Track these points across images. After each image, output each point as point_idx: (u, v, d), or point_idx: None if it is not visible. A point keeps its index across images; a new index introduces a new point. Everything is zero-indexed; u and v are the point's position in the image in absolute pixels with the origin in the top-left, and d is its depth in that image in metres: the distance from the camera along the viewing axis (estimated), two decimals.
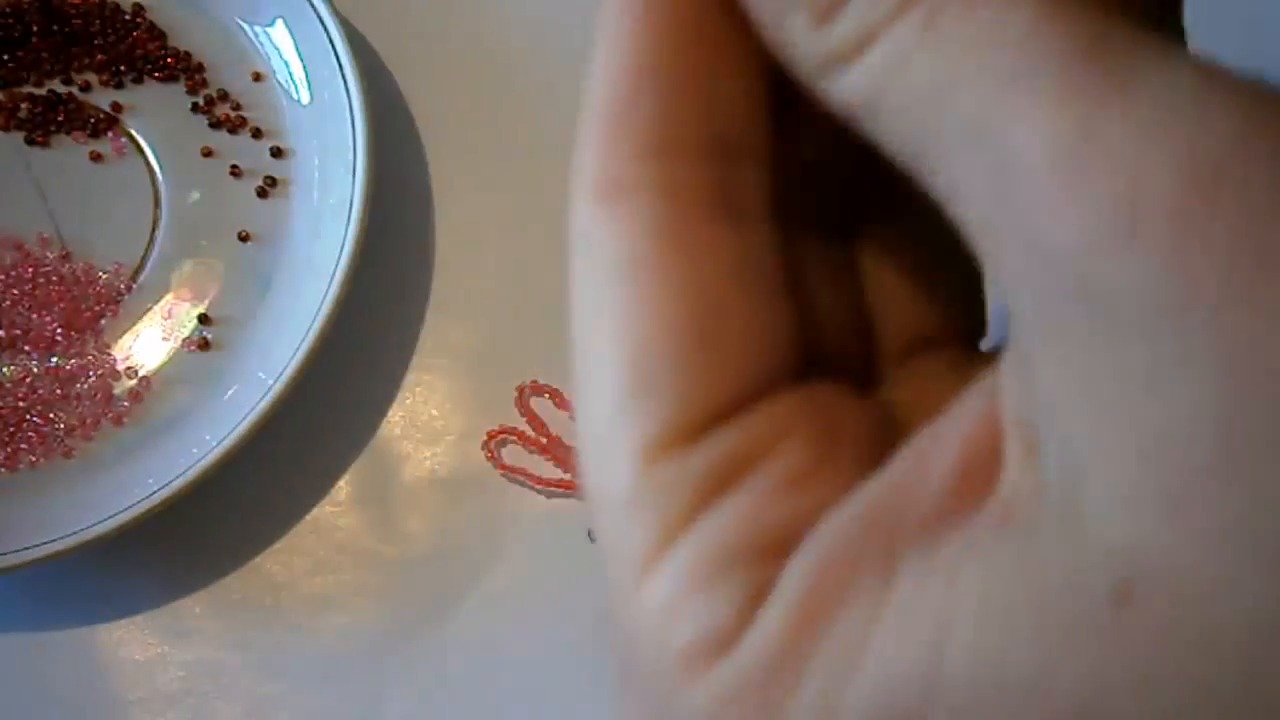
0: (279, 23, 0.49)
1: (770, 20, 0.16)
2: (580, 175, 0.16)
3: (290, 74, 0.49)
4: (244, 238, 0.48)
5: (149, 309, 0.48)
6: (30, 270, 0.48)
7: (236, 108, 0.49)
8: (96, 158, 0.49)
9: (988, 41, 0.14)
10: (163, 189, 0.49)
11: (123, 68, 0.50)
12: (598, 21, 0.17)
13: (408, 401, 0.47)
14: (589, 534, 0.45)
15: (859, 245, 0.18)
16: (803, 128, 0.17)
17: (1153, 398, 0.13)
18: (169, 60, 0.50)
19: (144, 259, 0.48)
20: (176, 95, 0.50)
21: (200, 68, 0.50)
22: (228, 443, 0.43)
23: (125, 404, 0.46)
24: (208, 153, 0.49)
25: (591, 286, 0.16)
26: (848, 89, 0.15)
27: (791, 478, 0.15)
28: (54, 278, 0.48)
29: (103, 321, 0.48)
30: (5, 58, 0.50)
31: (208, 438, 0.44)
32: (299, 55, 0.49)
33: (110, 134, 0.50)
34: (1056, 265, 0.13)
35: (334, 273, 0.45)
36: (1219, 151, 0.13)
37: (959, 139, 0.14)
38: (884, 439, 0.16)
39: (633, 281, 0.16)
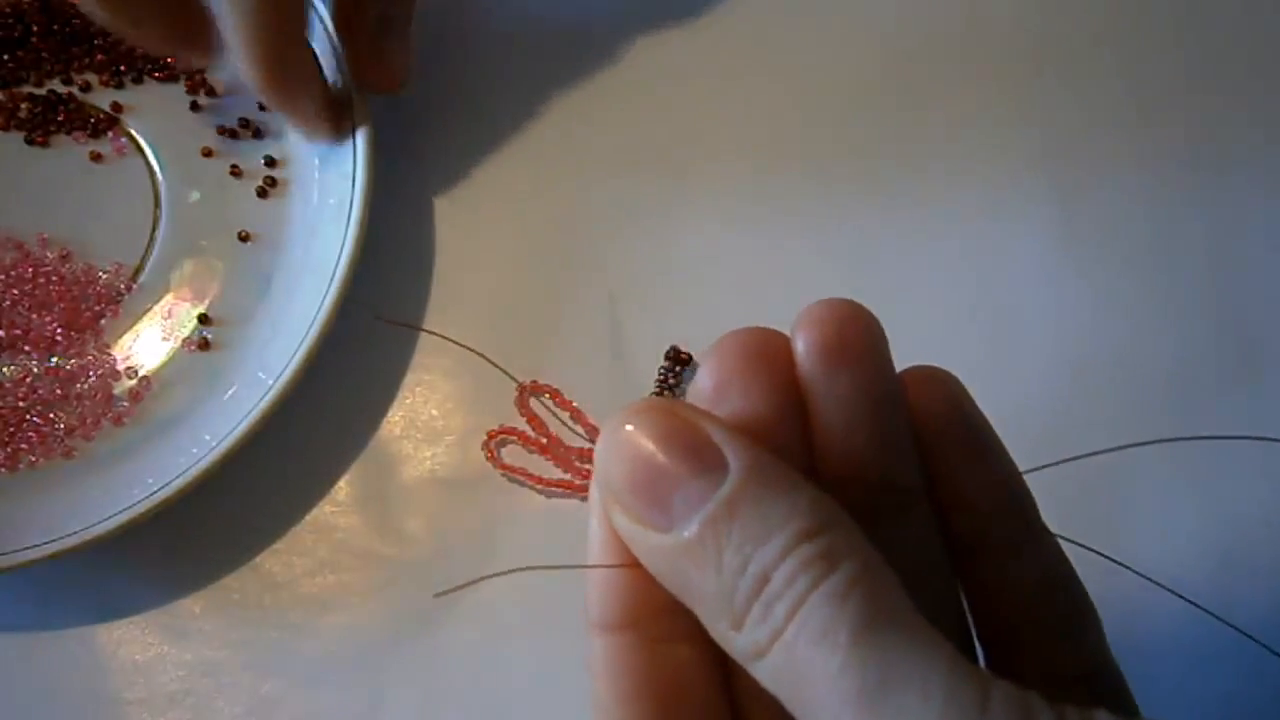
0: None
1: (708, 624, 0.22)
2: None
3: None
4: (244, 238, 0.48)
5: (149, 309, 0.48)
6: (30, 270, 0.48)
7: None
8: (97, 158, 0.49)
9: (818, 675, 0.20)
10: (163, 189, 0.49)
11: (123, 68, 0.50)
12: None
13: (407, 401, 0.47)
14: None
15: None
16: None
17: None
18: (169, 60, 0.50)
19: (144, 259, 0.48)
20: (176, 95, 0.50)
21: (200, 68, 0.50)
22: (227, 442, 0.43)
23: (125, 404, 0.46)
24: (208, 153, 0.49)
25: None
26: (760, 676, 0.21)
27: None
28: (54, 278, 0.48)
29: (103, 321, 0.48)
30: (5, 58, 0.50)
31: (207, 437, 0.44)
32: None
33: (110, 134, 0.50)
34: None
35: (334, 272, 0.45)
36: None
37: None
38: None
39: None
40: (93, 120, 0.50)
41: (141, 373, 0.47)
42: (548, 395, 0.46)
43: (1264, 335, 0.48)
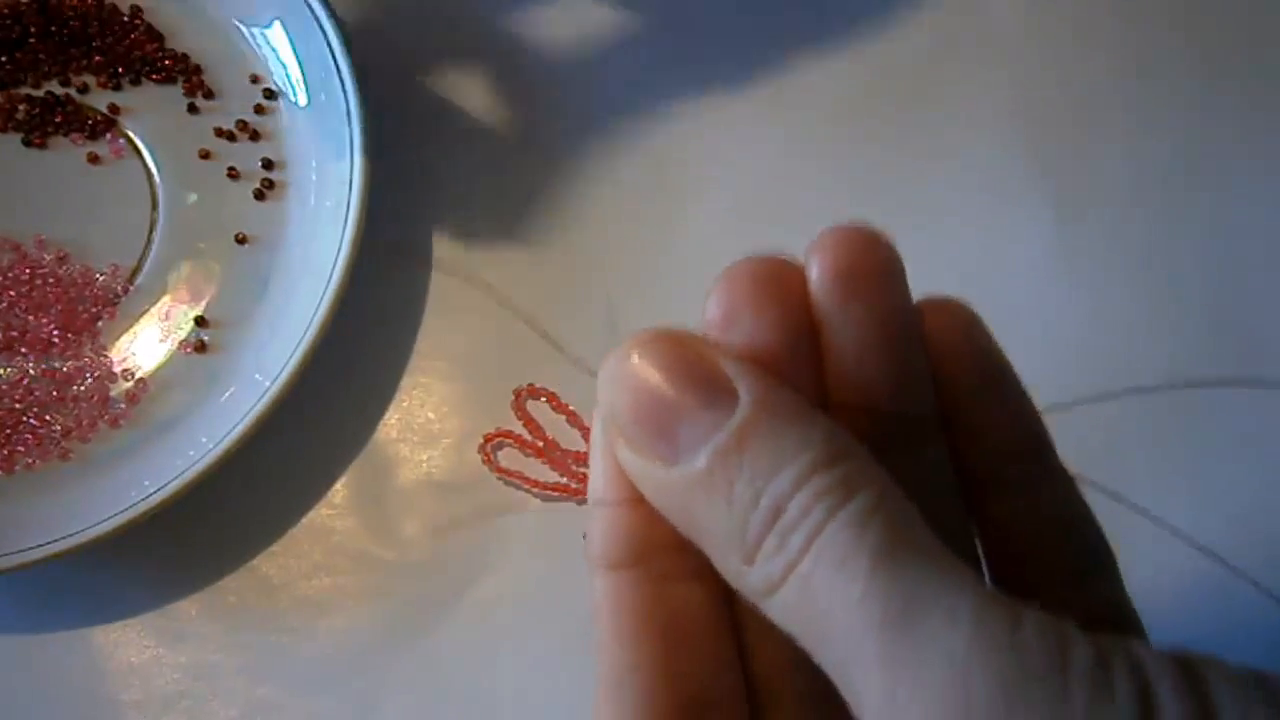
0: (276, 25, 0.49)
1: (715, 557, 0.21)
2: None
3: (288, 76, 0.49)
4: (241, 240, 0.48)
5: (146, 311, 0.48)
6: (27, 272, 0.48)
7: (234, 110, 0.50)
8: (94, 159, 0.49)
9: (839, 603, 0.19)
10: (160, 191, 0.49)
11: (120, 69, 0.50)
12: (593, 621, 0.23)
13: (404, 404, 0.47)
14: (584, 536, 0.45)
15: None
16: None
17: None
18: (167, 62, 0.50)
19: (141, 261, 0.48)
20: (174, 97, 0.50)
21: (198, 70, 0.50)
22: (224, 445, 0.43)
23: (122, 406, 0.46)
24: (205, 155, 0.49)
25: None
26: (773, 612, 0.21)
27: None
28: (51, 279, 0.48)
29: (100, 323, 0.48)
30: (3, 59, 0.50)
31: (204, 440, 0.44)
32: (296, 57, 0.49)
33: (108, 136, 0.50)
34: None
35: (331, 275, 0.45)
36: (980, 710, 0.18)
37: (834, 668, 0.20)
38: None
39: None
40: (90, 122, 0.50)
41: (138, 375, 0.47)
42: (544, 399, 0.46)
43: (1263, 337, 0.48)
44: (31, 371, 0.47)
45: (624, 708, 0.22)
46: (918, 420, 0.23)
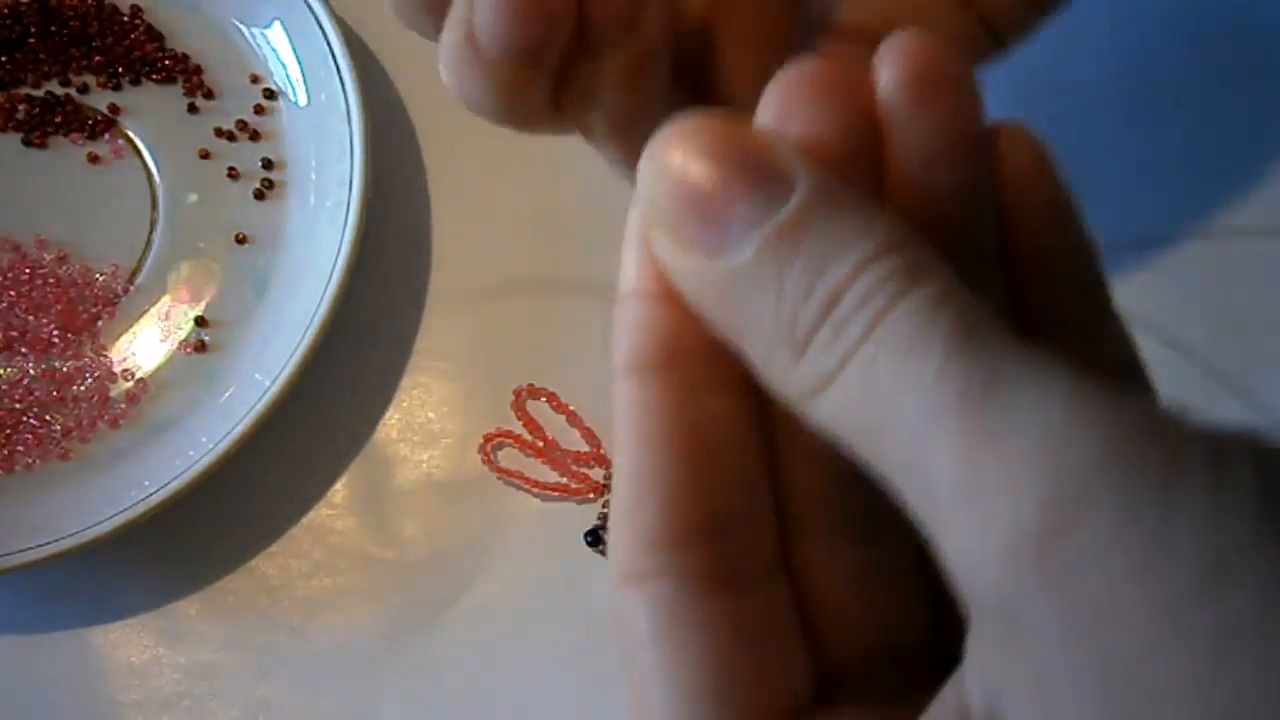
0: (276, 25, 0.49)
1: (758, 357, 0.19)
2: (612, 565, 0.20)
3: (288, 76, 0.49)
4: (241, 240, 0.48)
5: (146, 311, 0.48)
6: (27, 272, 0.48)
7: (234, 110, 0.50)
8: (94, 159, 0.49)
9: (909, 386, 0.17)
10: (160, 191, 0.49)
11: (120, 69, 0.50)
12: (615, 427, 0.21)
13: (404, 404, 0.47)
14: (584, 537, 0.45)
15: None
16: (828, 444, 0.20)
17: (1060, 702, 0.16)
18: (167, 62, 0.50)
19: (141, 261, 0.48)
20: (174, 97, 0.50)
21: (198, 69, 0.50)
22: (224, 445, 0.43)
23: (122, 406, 0.46)
24: (205, 155, 0.49)
25: (627, 654, 0.20)
26: (822, 414, 0.18)
27: None
28: (51, 279, 0.48)
29: (100, 323, 0.48)
30: (3, 59, 0.50)
31: (204, 440, 0.44)
32: (296, 57, 0.49)
33: (108, 136, 0.50)
34: (973, 580, 0.16)
35: (331, 275, 0.45)
36: (1081, 479, 0.16)
37: (899, 466, 0.17)
38: None
39: (655, 652, 0.19)
40: (90, 122, 0.50)
41: (138, 375, 0.47)
42: (544, 399, 0.46)
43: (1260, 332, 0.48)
44: (31, 371, 0.47)
45: (645, 521, 0.20)
46: (978, 248, 0.21)
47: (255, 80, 0.50)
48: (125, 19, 0.50)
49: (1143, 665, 0.15)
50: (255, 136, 0.49)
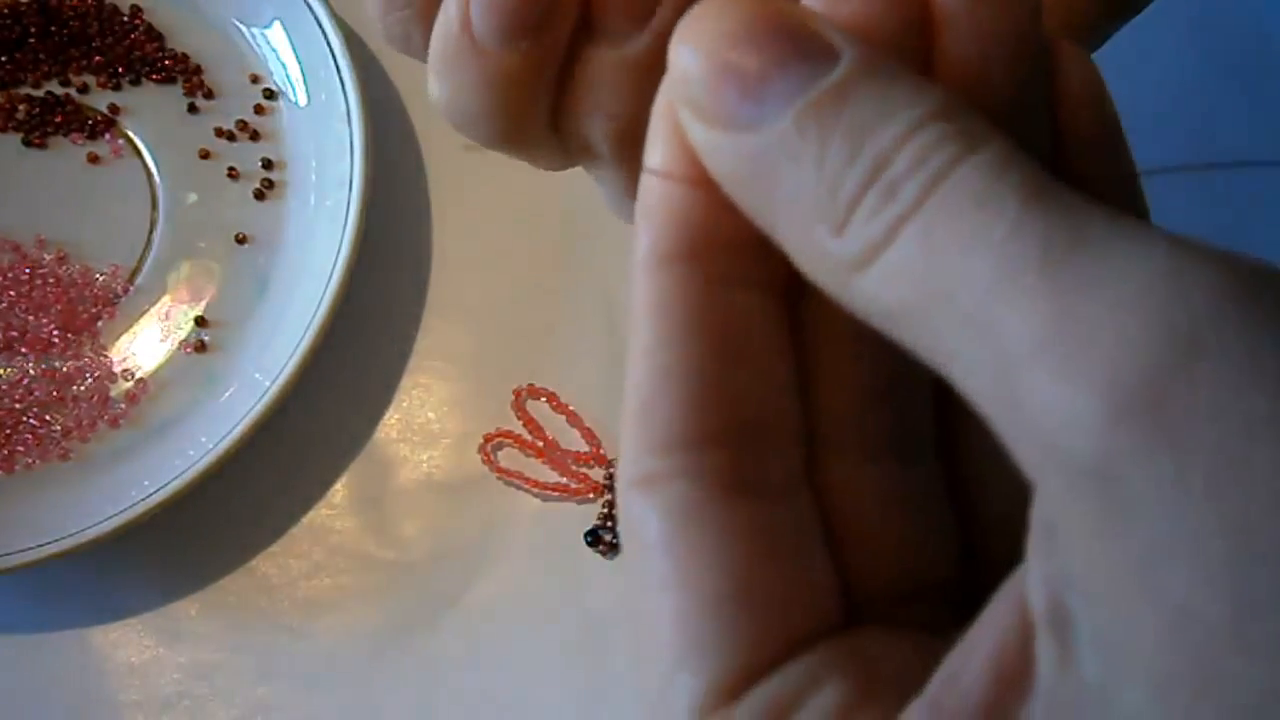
0: (276, 25, 0.49)
1: (795, 236, 0.17)
2: (622, 467, 0.18)
3: (288, 76, 0.49)
4: (241, 240, 0.48)
5: (146, 311, 0.48)
6: (27, 271, 0.48)
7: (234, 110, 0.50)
8: (94, 159, 0.49)
9: (978, 244, 0.15)
10: (160, 191, 0.49)
11: (120, 69, 0.50)
12: (630, 321, 0.19)
13: (404, 404, 0.47)
14: (584, 537, 0.45)
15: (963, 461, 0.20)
16: (863, 357, 0.19)
17: (1168, 575, 0.14)
18: (166, 62, 0.50)
19: (141, 261, 0.48)
20: (174, 97, 0.50)
21: (198, 70, 0.50)
22: (224, 445, 0.43)
23: (122, 406, 0.46)
24: (205, 155, 0.49)
25: (638, 562, 0.18)
26: (867, 292, 0.17)
27: (830, 717, 0.17)
28: (51, 279, 0.48)
29: (100, 323, 0.48)
30: (3, 59, 0.50)
31: (204, 440, 0.44)
32: (296, 58, 0.49)
33: (108, 136, 0.50)
34: (1058, 447, 0.14)
35: (330, 275, 0.45)
36: (1195, 325, 0.14)
37: (964, 333, 0.15)
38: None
39: (668, 559, 0.18)
40: (90, 122, 0.50)
41: (138, 375, 0.47)
42: (544, 399, 0.46)
43: None
44: (31, 371, 0.47)
45: (662, 419, 0.18)
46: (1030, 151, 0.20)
47: (255, 80, 0.50)
48: (125, 19, 0.50)
49: (1275, 523, 0.13)
50: (255, 136, 0.49)
